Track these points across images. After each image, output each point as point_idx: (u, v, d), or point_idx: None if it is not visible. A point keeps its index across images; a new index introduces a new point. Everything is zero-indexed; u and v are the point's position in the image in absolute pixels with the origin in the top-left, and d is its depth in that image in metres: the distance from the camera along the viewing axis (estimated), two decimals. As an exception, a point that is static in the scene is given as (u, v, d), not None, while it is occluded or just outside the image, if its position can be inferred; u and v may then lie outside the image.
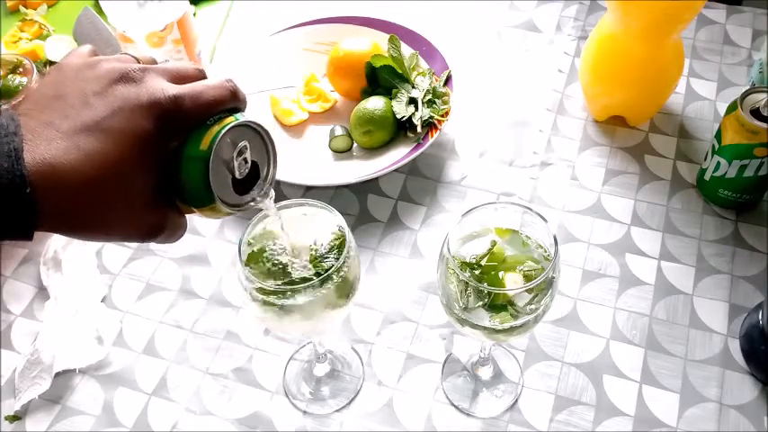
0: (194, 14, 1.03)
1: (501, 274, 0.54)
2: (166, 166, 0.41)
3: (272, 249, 0.54)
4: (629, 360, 0.67)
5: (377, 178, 0.82)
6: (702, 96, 0.88)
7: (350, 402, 0.67)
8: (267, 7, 1.05)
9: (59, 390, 0.69)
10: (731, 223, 0.76)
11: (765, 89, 0.70)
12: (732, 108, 0.71)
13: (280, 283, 0.52)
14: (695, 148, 0.83)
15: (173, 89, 0.41)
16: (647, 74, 0.79)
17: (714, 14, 0.96)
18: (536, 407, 0.65)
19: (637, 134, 0.85)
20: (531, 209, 0.55)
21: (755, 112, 0.69)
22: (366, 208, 0.80)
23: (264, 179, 0.46)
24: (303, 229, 0.55)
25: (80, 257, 0.77)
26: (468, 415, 0.65)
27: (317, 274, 0.52)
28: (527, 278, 0.53)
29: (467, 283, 0.51)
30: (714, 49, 0.93)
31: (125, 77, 0.40)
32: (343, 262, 0.52)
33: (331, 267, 0.51)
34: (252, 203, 0.46)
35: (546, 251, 0.55)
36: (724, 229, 0.76)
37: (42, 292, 0.76)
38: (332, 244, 0.54)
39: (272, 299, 0.51)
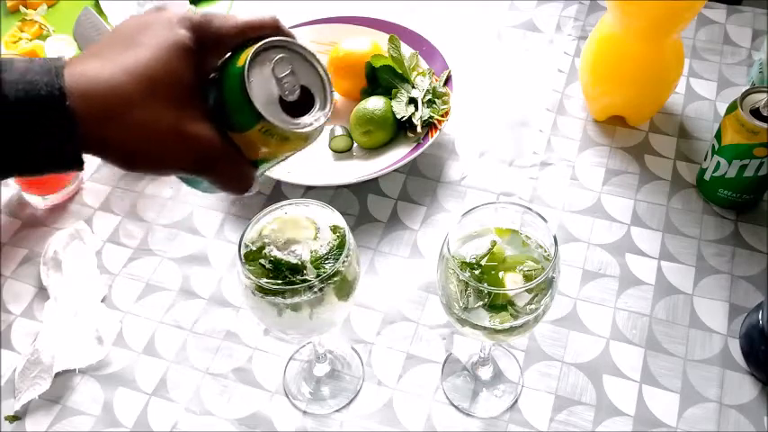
0: (194, 14, 1.03)
1: (501, 274, 0.54)
2: (211, 90, 0.42)
3: (272, 249, 0.54)
4: (629, 360, 0.67)
5: (377, 178, 0.82)
6: (702, 96, 0.88)
7: (350, 402, 0.67)
8: (267, 7, 1.05)
9: (59, 390, 0.69)
10: (731, 223, 0.76)
11: (765, 89, 0.70)
12: (732, 108, 0.71)
13: (280, 282, 0.52)
14: (695, 148, 0.83)
15: (203, 11, 0.44)
16: (647, 74, 0.79)
17: (714, 14, 0.96)
18: (536, 407, 0.65)
19: (637, 134, 0.85)
20: (531, 209, 0.55)
21: (755, 112, 0.69)
22: (366, 208, 0.80)
23: (323, 103, 0.45)
24: (302, 231, 0.55)
25: (80, 257, 0.77)
26: (468, 415, 0.65)
27: (318, 275, 0.52)
28: (527, 278, 0.53)
29: (467, 283, 0.51)
30: (714, 49, 0.93)
31: (156, 9, 0.43)
32: (343, 262, 0.52)
33: (331, 267, 0.51)
34: (308, 126, 0.43)
35: (546, 251, 0.55)
36: (724, 228, 0.76)
37: (42, 292, 0.76)
38: (332, 244, 0.54)
39: (271, 298, 0.51)
